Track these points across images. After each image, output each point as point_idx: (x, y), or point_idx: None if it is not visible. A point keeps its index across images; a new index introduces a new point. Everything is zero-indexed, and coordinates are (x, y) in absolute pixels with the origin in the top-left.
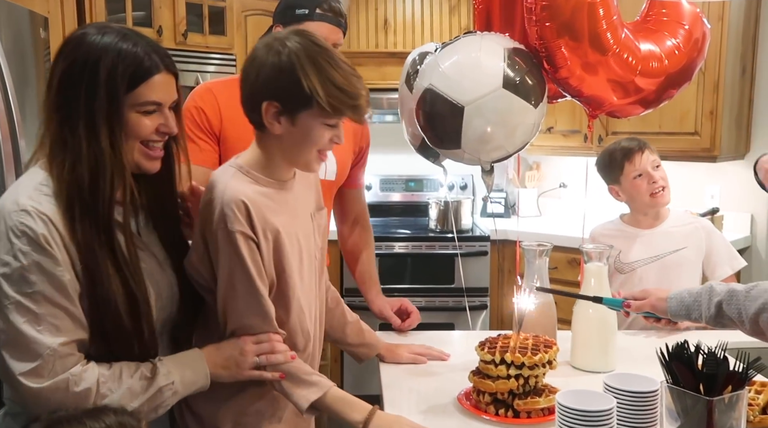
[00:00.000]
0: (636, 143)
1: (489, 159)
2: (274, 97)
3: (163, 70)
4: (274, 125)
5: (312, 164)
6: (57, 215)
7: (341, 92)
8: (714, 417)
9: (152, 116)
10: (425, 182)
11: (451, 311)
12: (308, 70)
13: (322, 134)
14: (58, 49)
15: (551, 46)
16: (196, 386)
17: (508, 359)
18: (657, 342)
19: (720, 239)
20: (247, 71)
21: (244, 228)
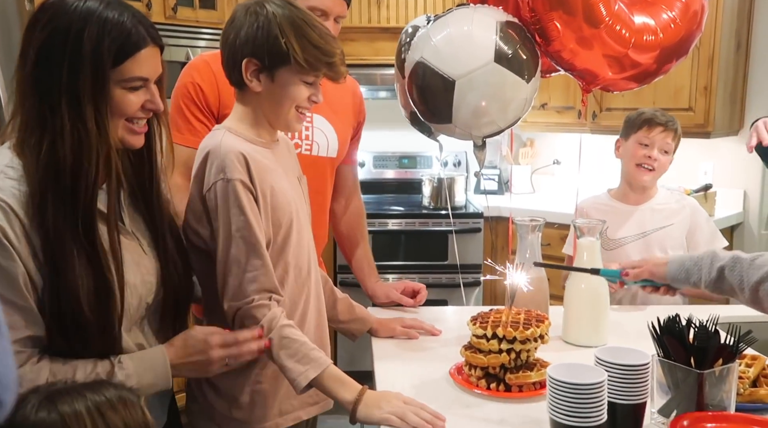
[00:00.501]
0: (668, 121)
1: (481, 134)
2: (253, 54)
3: (150, 44)
4: (254, 82)
5: (292, 123)
6: (20, 202)
7: (317, 50)
8: (704, 390)
9: (138, 92)
10: (419, 159)
11: (444, 287)
12: (285, 29)
13: (301, 91)
14: (32, 17)
15: (543, 18)
16: (155, 388)
17: (500, 333)
18: (649, 316)
19: (704, 219)
20: (228, 32)
21: (244, 177)
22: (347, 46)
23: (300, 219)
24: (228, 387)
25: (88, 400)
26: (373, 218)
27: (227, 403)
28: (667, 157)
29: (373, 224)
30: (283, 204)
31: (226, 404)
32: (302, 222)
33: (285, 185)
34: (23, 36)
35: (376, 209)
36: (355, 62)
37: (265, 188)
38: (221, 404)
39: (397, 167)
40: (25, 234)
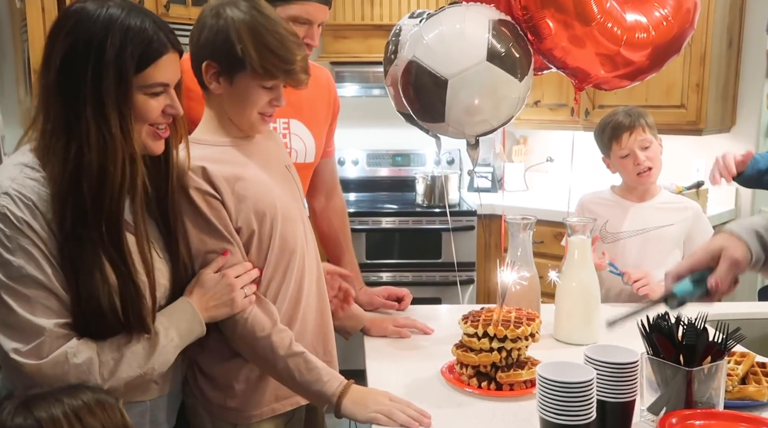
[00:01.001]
0: (628, 121)
1: (473, 133)
2: (211, 57)
3: (171, 50)
4: (213, 84)
5: (256, 125)
6: (42, 200)
7: (274, 56)
8: (693, 387)
9: (159, 97)
10: (412, 157)
11: (438, 285)
12: (243, 34)
13: (260, 96)
14: (55, 25)
15: (535, 16)
16: (193, 335)
17: (490, 332)
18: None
19: (706, 225)
20: (193, 32)
21: (201, 186)
22: (340, 44)
23: (289, 207)
24: (223, 378)
25: (65, 405)
26: (367, 216)
27: (222, 393)
28: (652, 148)
29: (367, 222)
30: (261, 194)
31: (222, 394)
32: (292, 210)
33: (262, 177)
34: (46, 44)
35: (369, 207)
36: (349, 60)
37: (233, 184)
38: (216, 395)
39: (390, 165)
40: (48, 227)
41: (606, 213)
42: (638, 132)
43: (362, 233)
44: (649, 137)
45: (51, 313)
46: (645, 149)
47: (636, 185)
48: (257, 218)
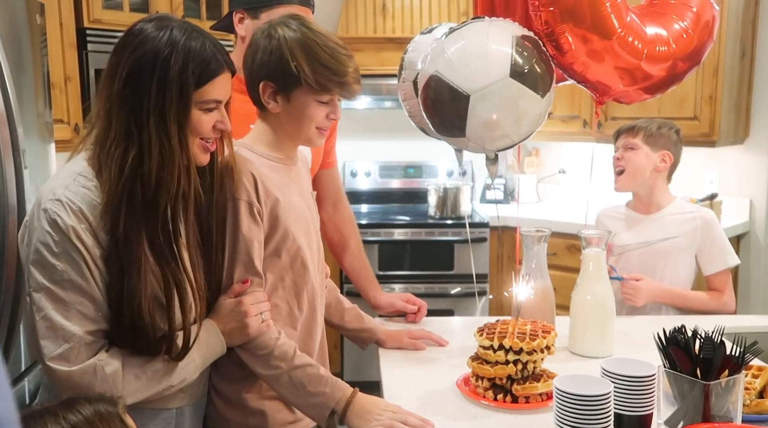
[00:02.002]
0: (630, 125)
1: (493, 148)
2: (268, 77)
3: (226, 69)
4: (271, 103)
5: (313, 139)
6: (90, 207)
7: (327, 70)
8: (711, 401)
9: (211, 113)
10: (424, 169)
11: (450, 297)
12: (296, 51)
13: (317, 111)
14: (122, 40)
15: (556, 30)
16: (214, 356)
17: (506, 344)
18: (655, 326)
19: (717, 234)
20: (247, 56)
21: (251, 197)
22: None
23: (312, 236)
24: (237, 398)
25: (62, 420)
26: (379, 228)
27: (241, 413)
28: (635, 153)
29: (379, 233)
30: (296, 218)
31: (241, 413)
32: (313, 236)
33: (297, 201)
34: (112, 57)
35: (381, 218)
36: (361, 72)
37: (272, 203)
38: (235, 414)
39: (402, 177)
40: (94, 235)
41: (616, 227)
42: (628, 135)
43: (374, 244)
44: (635, 142)
45: (85, 319)
46: (628, 150)
47: (615, 188)
48: (283, 242)
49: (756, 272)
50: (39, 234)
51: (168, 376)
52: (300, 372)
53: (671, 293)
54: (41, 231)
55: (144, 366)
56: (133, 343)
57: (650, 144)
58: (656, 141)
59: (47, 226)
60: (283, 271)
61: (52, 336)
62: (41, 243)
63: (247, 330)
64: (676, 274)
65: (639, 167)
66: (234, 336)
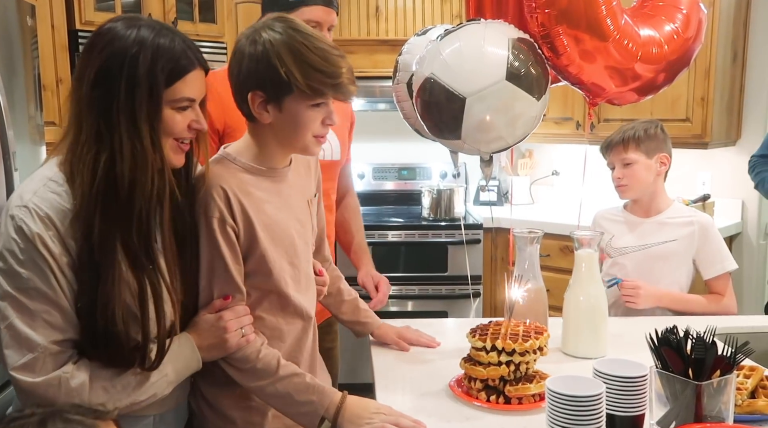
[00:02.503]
0: (618, 137)
1: (488, 150)
2: (257, 86)
3: (198, 66)
4: (263, 114)
5: (310, 147)
6: (59, 213)
7: (319, 73)
8: (702, 401)
9: (185, 112)
10: (418, 171)
11: (444, 299)
12: (283, 56)
13: (312, 117)
14: (89, 42)
15: (551, 33)
16: (189, 371)
17: (499, 345)
18: (648, 327)
19: (714, 238)
20: (232, 65)
21: (223, 215)
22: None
23: (295, 246)
24: (217, 403)
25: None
26: (373, 230)
27: (220, 418)
28: (633, 167)
29: (373, 235)
30: (278, 235)
31: (219, 418)
32: (304, 250)
33: (282, 216)
34: (81, 59)
35: (375, 220)
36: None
37: (249, 219)
38: (214, 418)
39: (396, 179)
40: (62, 242)
41: (613, 228)
42: (619, 150)
43: (368, 246)
44: (630, 156)
45: (51, 329)
46: (626, 167)
47: (619, 197)
48: (263, 261)
49: (748, 273)
50: (5, 241)
51: (138, 390)
52: (286, 382)
53: (671, 296)
54: (7, 238)
55: (114, 379)
56: (104, 353)
57: (644, 152)
58: (648, 146)
59: (13, 233)
60: (264, 288)
61: (16, 345)
62: (7, 250)
63: (225, 345)
64: (673, 277)
65: (642, 180)
66: (212, 351)
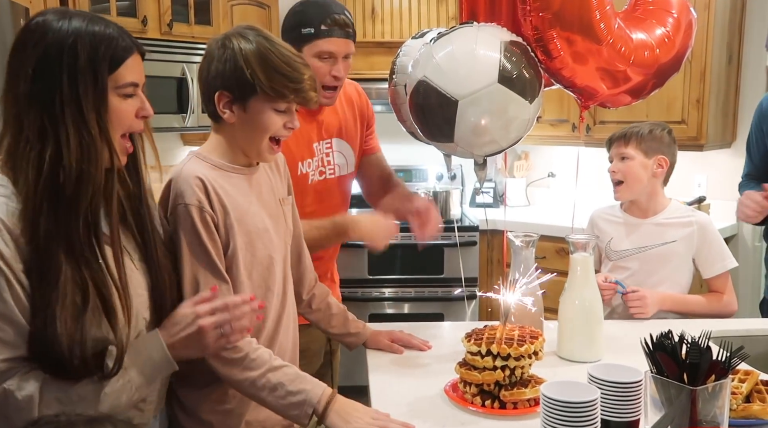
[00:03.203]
0: (621, 133)
1: (482, 153)
2: (223, 87)
3: (136, 51)
4: (227, 113)
5: (264, 153)
6: (9, 215)
7: (283, 77)
8: (697, 406)
9: (131, 99)
10: (414, 172)
11: (440, 301)
12: (251, 59)
13: (274, 120)
14: (18, 39)
15: (545, 36)
16: (161, 373)
17: (494, 350)
18: (643, 331)
19: (713, 237)
20: (202, 67)
21: (201, 202)
22: None
23: (274, 244)
24: (194, 408)
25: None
26: None
27: (198, 425)
28: (630, 163)
29: None
30: (253, 228)
31: (195, 424)
32: (277, 247)
33: (256, 209)
34: (12, 57)
35: None
36: (350, 76)
37: (224, 210)
38: (190, 423)
39: None
40: (17, 247)
41: (612, 230)
42: (620, 143)
43: (364, 248)
44: (629, 151)
45: (1, 346)
46: (623, 161)
47: (614, 197)
48: (243, 251)
49: (744, 275)
50: None
51: (97, 399)
52: (279, 372)
53: (673, 298)
54: None
55: (69, 389)
56: (54, 362)
57: (643, 150)
58: (649, 146)
59: None
60: (240, 284)
61: None
62: None
63: (203, 342)
64: (675, 278)
65: (636, 177)
66: (188, 349)
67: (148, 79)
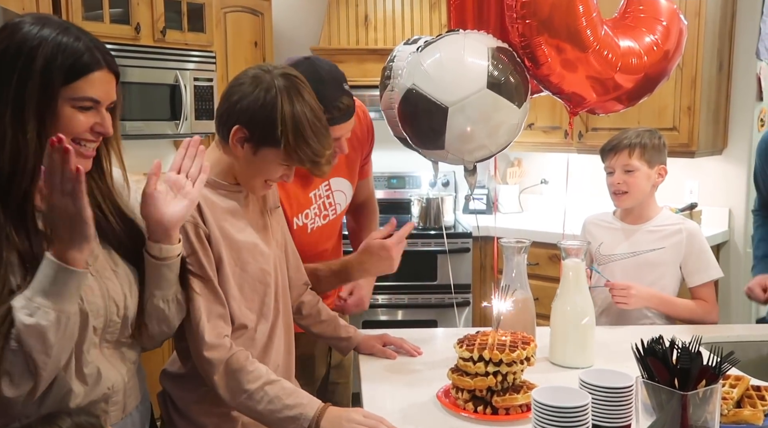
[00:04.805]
0: (620, 142)
1: (472, 159)
2: (247, 125)
3: (104, 68)
4: (237, 147)
5: (257, 189)
6: None
7: (309, 148)
8: (688, 411)
9: (88, 113)
10: (407, 179)
11: (433, 308)
12: (287, 120)
13: (276, 170)
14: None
15: (532, 42)
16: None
17: (486, 356)
18: (635, 337)
19: (701, 246)
20: (231, 91)
21: (196, 220)
22: None
23: (264, 257)
24: (191, 411)
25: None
26: None
27: (190, 425)
28: (635, 175)
29: None
30: (244, 244)
31: (190, 426)
32: (266, 258)
33: (248, 229)
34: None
35: None
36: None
37: (219, 227)
38: (185, 425)
39: (386, 187)
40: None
41: (603, 235)
42: (623, 155)
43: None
44: (634, 163)
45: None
46: (627, 173)
47: (615, 204)
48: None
49: (735, 282)
50: None
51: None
52: (276, 386)
53: (660, 297)
54: None
55: None
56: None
57: (647, 161)
58: (651, 156)
59: None
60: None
61: None
62: None
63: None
64: (661, 285)
65: (641, 188)
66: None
67: (142, 86)
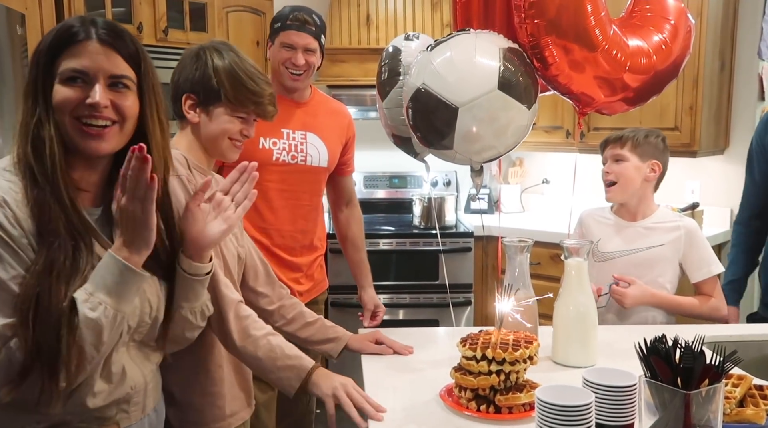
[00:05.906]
0: (617, 136)
1: (480, 159)
2: (191, 91)
3: (94, 39)
4: (191, 114)
5: (227, 152)
6: (12, 193)
7: (246, 90)
8: (691, 410)
9: (76, 86)
10: (409, 179)
11: (435, 307)
12: (219, 71)
13: (232, 124)
14: None
15: (541, 43)
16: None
17: (489, 355)
18: (637, 336)
19: (700, 243)
20: (175, 71)
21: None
22: (337, 67)
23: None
24: (184, 394)
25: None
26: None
27: (182, 409)
28: (624, 165)
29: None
30: None
31: (180, 411)
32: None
33: None
34: None
35: (366, 228)
36: (345, 83)
37: None
38: (174, 411)
39: (387, 187)
40: (19, 224)
41: (600, 231)
42: (616, 146)
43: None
44: (624, 153)
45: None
46: (617, 163)
47: (606, 198)
48: None
49: None
50: None
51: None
52: (278, 337)
53: (661, 297)
54: None
55: None
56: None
57: (638, 154)
58: (644, 151)
59: None
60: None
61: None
62: None
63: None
64: (659, 282)
65: (629, 178)
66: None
67: None
